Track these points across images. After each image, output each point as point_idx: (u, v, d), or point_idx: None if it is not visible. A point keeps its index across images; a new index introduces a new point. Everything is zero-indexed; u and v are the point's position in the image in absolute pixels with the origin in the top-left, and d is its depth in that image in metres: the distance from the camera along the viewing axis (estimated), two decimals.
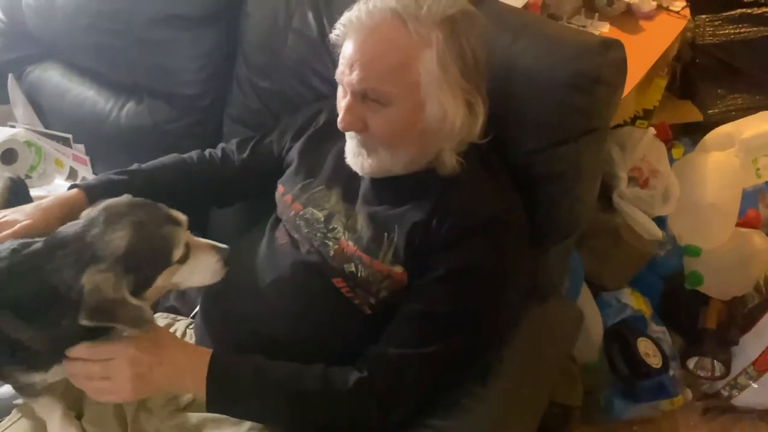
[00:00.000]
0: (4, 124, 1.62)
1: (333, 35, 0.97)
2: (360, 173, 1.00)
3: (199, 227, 1.44)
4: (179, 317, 1.23)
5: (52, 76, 1.62)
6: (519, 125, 1.02)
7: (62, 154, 1.58)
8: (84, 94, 1.55)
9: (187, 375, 0.90)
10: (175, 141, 1.45)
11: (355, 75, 0.91)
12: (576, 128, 1.05)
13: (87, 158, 1.55)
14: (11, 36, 1.65)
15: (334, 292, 1.01)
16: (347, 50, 0.93)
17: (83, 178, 1.55)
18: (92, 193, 1.06)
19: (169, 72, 1.42)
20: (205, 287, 1.17)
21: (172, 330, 1.17)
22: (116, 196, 1.08)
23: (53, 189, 1.55)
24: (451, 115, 0.93)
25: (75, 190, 1.09)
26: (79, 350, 0.86)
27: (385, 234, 0.98)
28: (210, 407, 0.91)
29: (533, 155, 1.06)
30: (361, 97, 0.93)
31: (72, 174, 1.57)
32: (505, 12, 1.03)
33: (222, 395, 0.91)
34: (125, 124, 1.49)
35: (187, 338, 1.15)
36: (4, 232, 0.95)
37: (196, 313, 1.24)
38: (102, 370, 0.87)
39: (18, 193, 1.15)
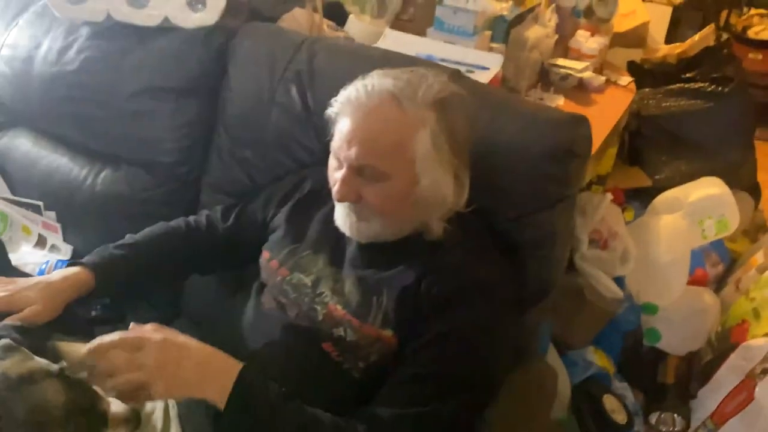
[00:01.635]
0: None
1: (330, 111, 1.02)
2: (349, 235, 1.04)
3: (176, 289, 1.47)
4: None
5: (22, 144, 1.60)
6: (499, 194, 1.09)
7: (30, 221, 1.55)
8: (57, 161, 1.54)
9: (215, 373, 0.89)
10: (151, 209, 1.45)
11: (353, 151, 0.97)
12: (551, 196, 1.12)
13: (58, 225, 1.52)
14: None
15: (324, 357, 1.03)
16: (345, 127, 0.99)
17: (53, 246, 1.53)
18: (100, 274, 1.09)
19: (148, 141, 1.44)
20: None
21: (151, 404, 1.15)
22: (120, 272, 1.12)
23: (21, 257, 1.52)
24: (442, 188, 1.00)
25: (80, 269, 1.09)
26: (110, 339, 0.86)
27: (374, 298, 1.01)
28: (227, 413, 0.89)
29: (513, 222, 1.12)
30: (357, 170, 0.98)
31: (41, 241, 1.54)
32: (483, 90, 1.11)
33: (243, 405, 0.89)
34: (101, 191, 1.48)
35: (170, 407, 1.13)
36: (16, 316, 0.96)
37: None
38: (130, 361, 0.85)
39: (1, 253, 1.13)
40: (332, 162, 1.03)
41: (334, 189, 0.99)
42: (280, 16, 1.54)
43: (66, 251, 1.51)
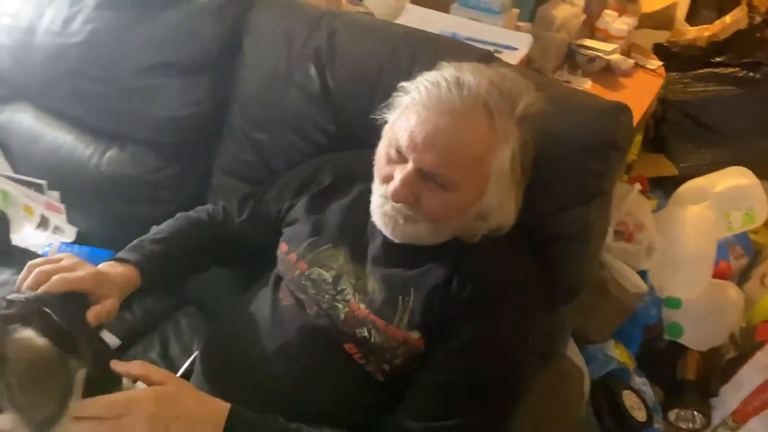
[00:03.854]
0: None
1: (402, 95, 0.93)
2: (387, 235, 0.96)
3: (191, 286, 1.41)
4: None
5: (24, 119, 1.53)
6: (534, 187, 1.01)
7: (33, 200, 1.49)
8: (61, 139, 1.47)
9: (204, 428, 0.83)
10: (159, 191, 1.39)
11: (430, 156, 0.87)
12: (589, 191, 1.05)
13: (62, 206, 1.46)
14: None
15: (346, 359, 0.96)
16: (424, 125, 0.88)
17: (56, 227, 1.47)
18: (146, 272, 1.04)
19: (156, 120, 1.36)
20: (201, 348, 1.12)
21: None
22: (159, 267, 1.07)
23: (23, 238, 1.46)
24: (504, 207, 0.93)
25: (130, 267, 1.03)
26: (96, 405, 0.78)
27: (400, 297, 0.94)
28: None
29: (547, 217, 1.05)
30: (424, 174, 0.89)
31: (43, 222, 1.47)
32: (520, 73, 1.03)
33: None
34: (106, 171, 1.41)
35: None
36: (99, 309, 0.90)
37: (181, 375, 1.17)
38: (116, 428, 0.78)
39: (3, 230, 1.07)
40: (389, 152, 0.93)
41: (392, 187, 0.90)
42: None
43: (70, 233, 1.45)
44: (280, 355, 0.99)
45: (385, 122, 0.97)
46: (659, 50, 2.08)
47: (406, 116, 0.91)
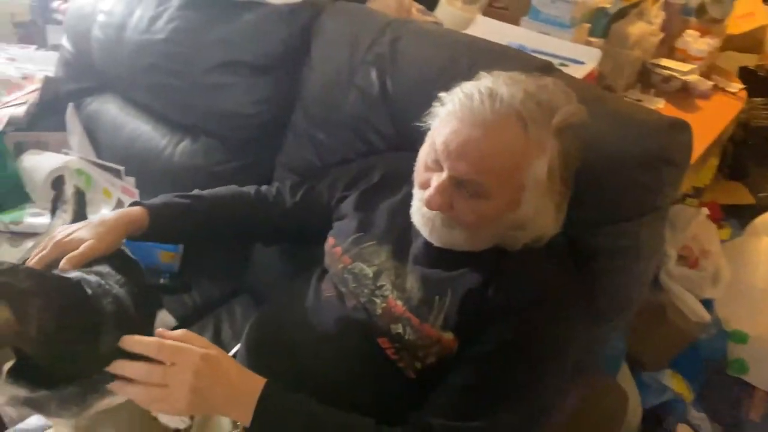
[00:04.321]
0: (58, 151, 1.65)
1: (439, 106, 0.95)
2: (426, 238, 0.98)
3: (240, 265, 1.47)
4: None
5: (110, 109, 1.65)
6: (582, 198, 1.00)
7: (111, 185, 1.59)
8: (140, 128, 1.58)
9: (240, 400, 0.87)
10: (222, 182, 1.42)
11: (463, 165, 0.89)
12: (640, 206, 1.03)
13: (136, 191, 1.55)
14: (76, 67, 1.70)
15: (379, 353, 0.98)
16: (458, 134, 0.89)
17: None
18: (155, 214, 1.08)
19: (226, 115, 1.44)
20: (246, 332, 1.17)
21: None
22: (177, 217, 1.12)
23: None
24: (542, 216, 0.92)
25: (138, 208, 1.09)
26: (146, 344, 0.83)
27: (437, 297, 0.95)
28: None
29: (594, 229, 1.04)
30: (459, 183, 0.90)
31: (119, 205, 1.57)
32: (575, 85, 1.02)
33: (266, 423, 0.87)
34: (178, 161, 1.50)
35: None
36: (72, 254, 0.94)
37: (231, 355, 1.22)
38: (163, 374, 0.82)
39: (81, 205, 1.15)
40: (428, 159, 0.94)
41: (427, 194, 0.91)
42: None
43: None
44: (317, 343, 1.02)
45: (429, 129, 0.99)
46: (744, 74, 2.00)
47: (442, 126, 0.92)
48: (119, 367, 0.83)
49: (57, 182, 1.55)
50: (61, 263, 0.93)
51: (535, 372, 0.91)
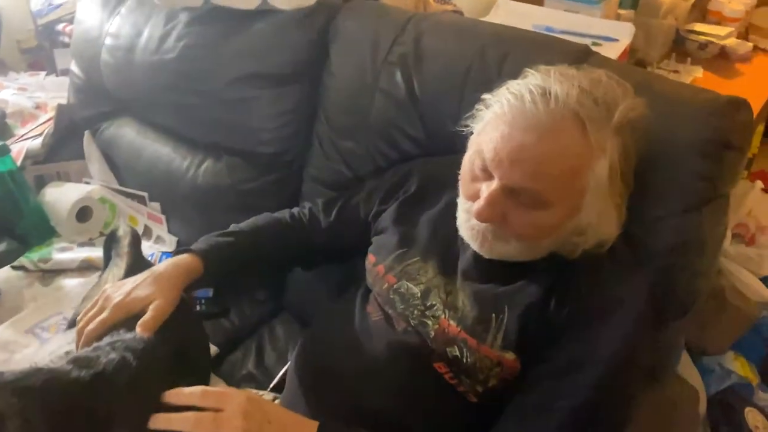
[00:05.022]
0: (79, 181, 1.61)
1: (484, 107, 0.88)
2: (478, 252, 0.91)
3: (278, 283, 1.43)
4: (259, 391, 1.17)
5: (127, 133, 1.61)
6: (639, 193, 0.93)
7: (136, 211, 1.56)
8: (160, 151, 1.53)
9: None
10: (252, 200, 1.41)
11: (516, 173, 0.82)
12: (700, 196, 0.96)
13: (163, 217, 1.52)
14: (88, 93, 1.66)
15: (436, 378, 0.93)
16: (509, 138, 0.82)
17: (158, 237, 1.53)
18: (208, 259, 1.04)
19: (249, 130, 1.38)
20: (292, 361, 1.12)
21: None
22: (228, 259, 1.08)
23: None
24: (603, 221, 0.86)
25: (189, 256, 1.05)
26: (191, 393, 0.81)
27: (494, 315, 0.89)
28: None
29: (652, 225, 0.97)
30: (512, 191, 0.83)
31: (147, 232, 1.54)
32: (619, 69, 0.94)
33: None
34: (202, 182, 1.45)
35: None
36: (146, 319, 0.91)
37: (275, 385, 1.18)
38: (213, 420, 0.79)
39: (138, 248, 1.11)
40: (475, 167, 0.87)
41: (477, 206, 0.85)
42: None
43: (171, 242, 1.50)
44: (368, 371, 0.96)
45: (471, 132, 0.92)
46: None
47: (489, 131, 0.85)
48: (165, 421, 0.80)
49: (82, 213, 1.52)
50: (138, 330, 0.90)
51: (608, 389, 0.85)
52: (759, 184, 1.45)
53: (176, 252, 1.07)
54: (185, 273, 1.02)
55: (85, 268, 1.41)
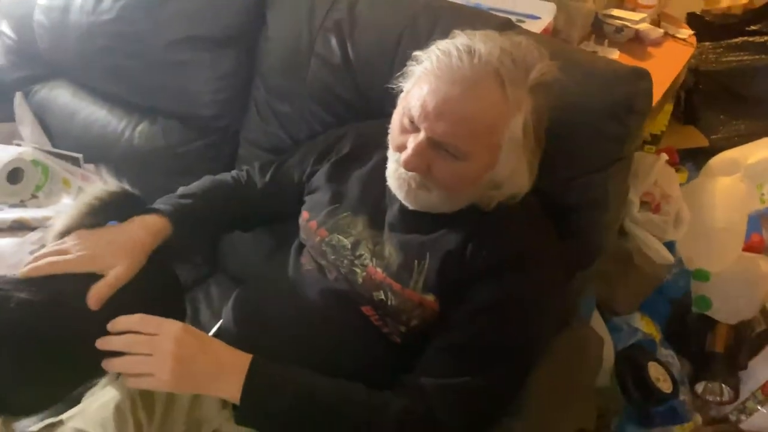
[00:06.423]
0: (9, 143, 1.59)
1: (414, 65, 0.93)
2: (403, 201, 0.98)
3: (212, 246, 1.46)
4: None
5: (61, 95, 1.59)
6: (552, 153, 1.01)
7: (70, 173, 1.55)
8: (95, 114, 1.53)
9: (227, 374, 0.88)
10: (188, 163, 1.43)
11: (440, 126, 0.87)
12: (607, 157, 1.05)
13: (96, 178, 1.51)
14: (20, 54, 1.63)
15: (363, 321, 1.00)
16: (435, 93, 0.88)
17: None
18: (176, 220, 1.05)
19: (185, 94, 1.40)
20: (226, 311, 1.16)
21: None
22: (190, 220, 1.09)
23: (60, 209, 1.52)
24: (516, 176, 0.93)
25: (156, 217, 1.04)
26: (129, 320, 0.86)
27: (416, 261, 0.96)
28: (240, 412, 0.89)
29: (565, 184, 1.06)
30: (435, 144, 0.89)
31: (79, 193, 1.53)
32: (539, 40, 1.03)
33: (257, 399, 0.88)
34: (138, 144, 1.47)
35: None
36: (101, 285, 0.91)
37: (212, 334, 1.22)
38: (147, 342, 0.85)
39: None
40: (403, 121, 0.93)
41: (404, 156, 0.90)
42: None
43: None
44: (301, 317, 1.02)
45: (401, 91, 0.98)
46: (692, 20, 2.04)
47: (419, 85, 0.91)
48: (106, 342, 0.87)
49: (13, 175, 1.50)
50: (90, 301, 0.90)
51: (520, 328, 0.93)
52: (664, 156, 1.58)
53: (144, 211, 1.05)
54: (154, 235, 1.01)
55: (17, 228, 1.40)
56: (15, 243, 1.35)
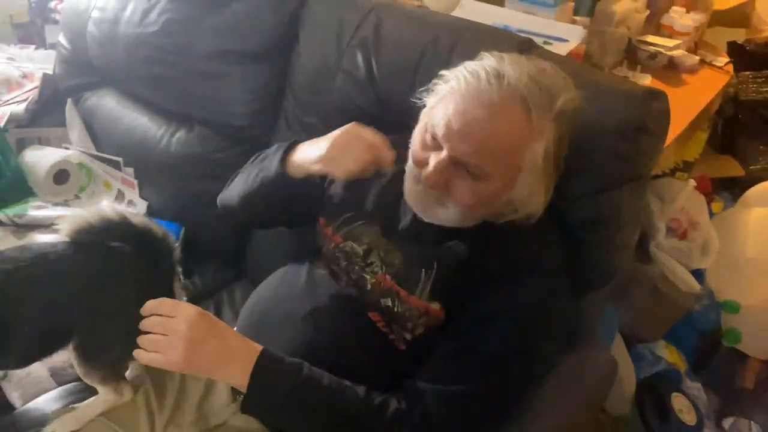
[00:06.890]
0: (59, 146, 1.69)
1: (440, 83, 0.95)
2: (419, 215, 0.99)
3: (239, 252, 1.51)
4: None
5: (108, 103, 1.69)
6: (564, 169, 1.02)
7: (111, 176, 1.64)
8: (137, 120, 1.62)
9: (236, 360, 0.92)
10: (221, 170, 1.47)
11: (464, 146, 0.89)
12: (619, 176, 1.06)
13: (135, 182, 1.59)
14: (73, 64, 1.74)
15: (370, 327, 1.02)
16: (461, 114, 0.89)
17: (130, 201, 1.60)
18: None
19: (221, 104, 1.47)
20: (241, 310, 1.20)
21: None
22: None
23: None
24: (533, 198, 0.94)
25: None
26: (150, 303, 0.93)
27: (423, 270, 0.98)
28: (246, 400, 0.92)
29: (576, 200, 1.06)
30: (458, 163, 0.90)
31: (119, 196, 1.62)
32: (554, 59, 1.04)
33: (262, 390, 0.91)
34: (175, 151, 1.54)
35: None
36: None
37: None
38: (163, 323, 0.91)
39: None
40: (425, 137, 0.94)
41: (425, 173, 0.92)
42: None
43: (141, 207, 1.58)
44: (310, 319, 1.05)
45: (423, 106, 0.99)
46: (733, 49, 2.01)
47: (444, 104, 0.92)
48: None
49: (59, 176, 1.60)
50: None
51: (521, 339, 0.94)
52: (692, 182, 1.56)
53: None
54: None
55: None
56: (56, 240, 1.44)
